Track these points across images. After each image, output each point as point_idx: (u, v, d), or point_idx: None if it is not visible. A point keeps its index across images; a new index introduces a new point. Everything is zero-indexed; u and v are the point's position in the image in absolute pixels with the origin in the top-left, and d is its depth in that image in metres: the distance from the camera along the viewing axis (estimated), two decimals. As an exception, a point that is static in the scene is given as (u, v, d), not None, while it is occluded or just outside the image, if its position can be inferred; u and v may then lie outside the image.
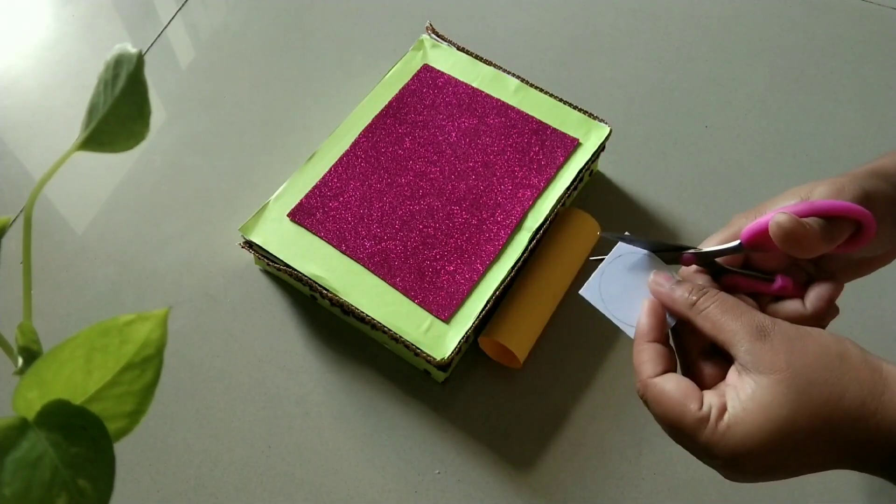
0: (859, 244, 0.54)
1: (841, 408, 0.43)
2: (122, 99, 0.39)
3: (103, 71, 0.39)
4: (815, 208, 0.51)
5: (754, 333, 0.46)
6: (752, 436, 0.44)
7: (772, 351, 0.45)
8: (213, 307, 0.85)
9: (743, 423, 0.44)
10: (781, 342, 0.45)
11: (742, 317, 0.47)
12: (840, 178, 0.53)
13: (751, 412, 0.44)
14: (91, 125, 0.39)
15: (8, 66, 1.05)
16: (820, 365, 0.44)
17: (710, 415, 0.45)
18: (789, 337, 0.46)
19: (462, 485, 0.75)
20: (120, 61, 0.39)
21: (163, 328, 0.36)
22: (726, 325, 0.47)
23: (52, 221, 0.92)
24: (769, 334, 0.46)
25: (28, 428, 0.36)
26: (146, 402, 0.37)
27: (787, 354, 0.45)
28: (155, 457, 0.77)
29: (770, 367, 0.45)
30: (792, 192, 0.54)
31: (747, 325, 0.46)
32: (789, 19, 1.05)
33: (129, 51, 0.39)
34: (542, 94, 0.89)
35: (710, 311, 0.48)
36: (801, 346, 0.45)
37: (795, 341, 0.45)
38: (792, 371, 0.44)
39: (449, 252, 0.79)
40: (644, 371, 0.49)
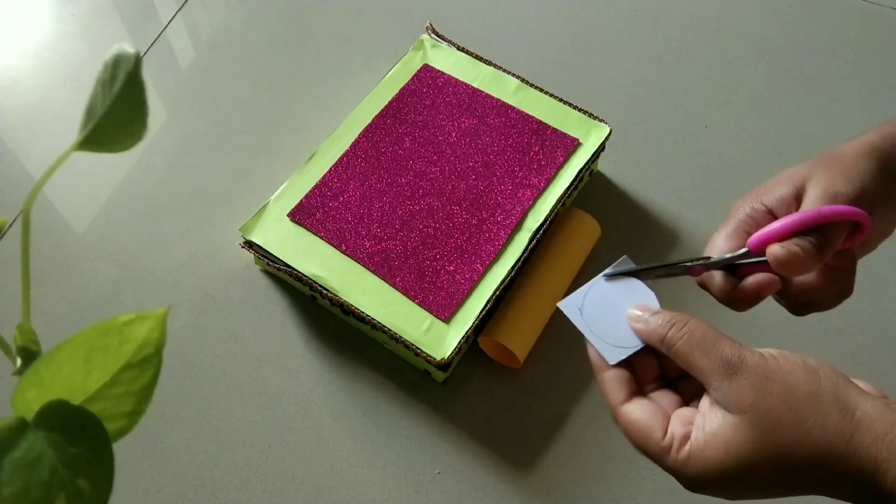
0: (858, 239, 0.55)
1: (805, 451, 0.43)
2: (120, 99, 0.39)
3: (101, 71, 0.39)
4: (808, 220, 0.52)
5: (722, 371, 0.46)
6: (710, 469, 0.45)
7: (738, 390, 0.45)
8: (213, 307, 0.85)
9: (702, 456, 0.45)
10: (748, 380, 0.45)
11: (710, 353, 0.47)
12: (831, 174, 0.54)
13: (711, 447, 0.45)
14: (89, 125, 0.39)
15: (8, 66, 1.05)
16: (786, 407, 0.44)
17: (673, 445, 0.46)
18: (757, 375, 0.46)
19: (462, 485, 0.75)
20: (118, 61, 0.39)
21: (162, 328, 0.36)
22: (695, 361, 0.48)
23: (52, 221, 0.92)
24: (737, 371, 0.46)
25: (27, 428, 0.36)
26: (145, 402, 0.37)
27: (753, 395, 0.45)
28: (155, 457, 0.77)
29: (736, 405, 0.45)
30: (786, 176, 0.56)
31: (715, 362, 0.46)
32: (789, 19, 1.05)
33: (127, 51, 0.39)
34: (542, 94, 0.89)
35: (679, 346, 0.49)
36: (768, 385, 0.45)
37: (763, 380, 0.45)
38: (757, 412, 0.44)
39: (449, 252, 0.79)
40: (612, 399, 0.50)
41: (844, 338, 0.81)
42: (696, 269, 0.56)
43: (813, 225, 0.52)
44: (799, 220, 0.52)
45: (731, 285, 0.55)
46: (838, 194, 0.53)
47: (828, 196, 0.53)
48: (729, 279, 0.56)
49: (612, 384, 0.51)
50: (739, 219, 0.56)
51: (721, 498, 0.48)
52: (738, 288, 0.55)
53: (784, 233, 0.52)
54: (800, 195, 0.55)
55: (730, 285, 0.55)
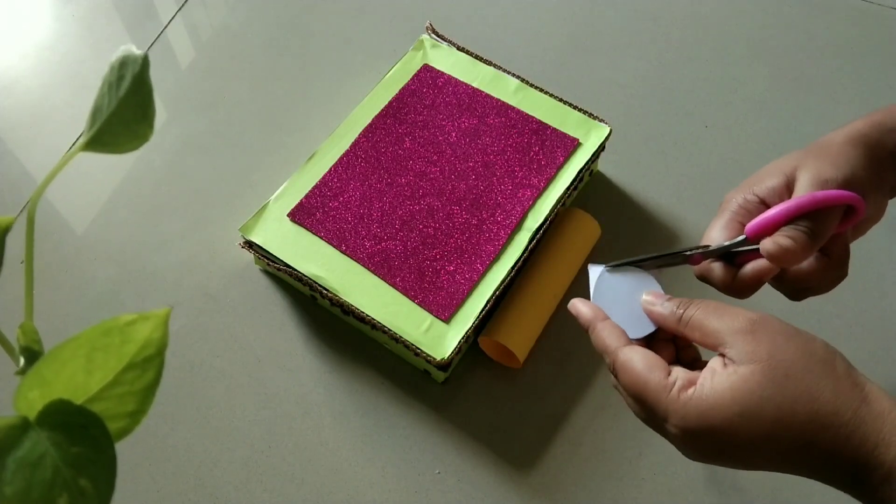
0: (851, 223, 0.55)
1: (812, 409, 0.44)
2: (126, 100, 0.39)
3: (108, 73, 0.39)
4: (802, 206, 0.52)
5: (742, 327, 0.47)
6: (713, 413, 0.45)
7: (755, 342, 0.46)
8: (213, 307, 0.85)
9: (707, 400, 0.45)
10: (766, 334, 0.46)
11: (725, 315, 0.48)
12: (820, 162, 0.55)
13: (719, 392, 0.45)
14: (95, 126, 0.39)
15: (8, 66, 1.05)
16: (801, 363, 0.45)
17: (675, 384, 0.47)
18: (777, 331, 0.47)
19: (462, 485, 0.75)
20: (125, 63, 0.39)
21: (164, 328, 0.36)
22: (710, 324, 0.48)
23: (52, 221, 0.92)
24: (758, 327, 0.47)
25: (29, 427, 0.36)
26: (147, 402, 0.37)
27: (769, 346, 0.46)
28: (155, 457, 0.77)
29: (751, 356, 0.45)
30: (776, 167, 0.57)
31: (736, 320, 0.47)
32: (789, 19, 1.05)
33: (134, 52, 0.39)
34: (542, 94, 0.89)
35: (695, 316, 0.50)
36: (786, 342, 0.46)
37: (781, 336, 0.46)
38: (771, 362, 0.45)
39: (449, 252, 0.79)
40: (611, 343, 0.51)
41: (844, 338, 0.81)
42: (695, 258, 0.57)
43: (807, 210, 0.52)
44: (795, 206, 0.52)
45: (730, 274, 0.56)
46: (828, 181, 0.54)
47: (818, 183, 0.54)
48: (728, 269, 0.56)
49: (611, 331, 0.52)
50: (733, 210, 0.58)
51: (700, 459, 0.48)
52: (738, 276, 0.56)
53: (780, 219, 0.53)
54: (791, 184, 0.56)
55: (730, 275, 0.56)
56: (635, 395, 0.49)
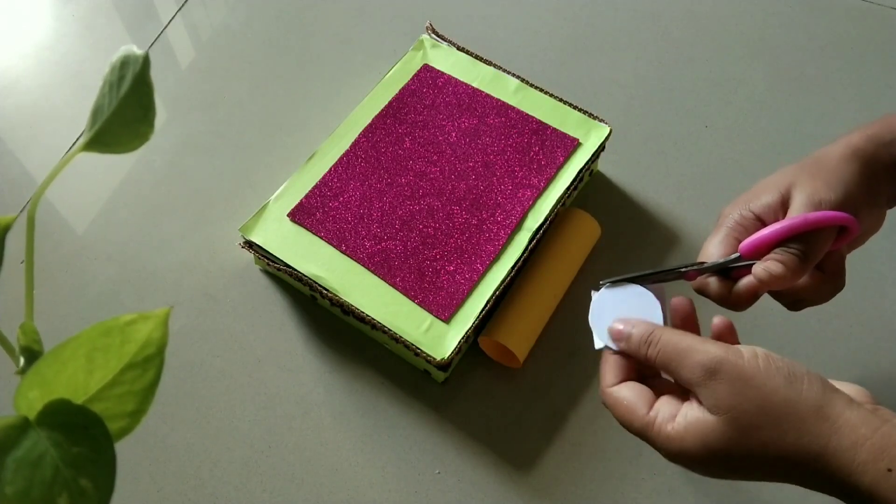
0: (845, 241, 0.57)
1: (778, 451, 0.46)
2: (127, 100, 0.39)
3: (108, 73, 0.39)
4: (795, 227, 0.54)
5: (699, 376, 0.48)
6: (688, 453, 0.48)
7: (716, 393, 0.47)
8: (213, 307, 0.85)
9: (682, 442, 0.48)
10: (725, 384, 0.47)
11: (683, 363, 0.49)
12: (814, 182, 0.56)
13: (691, 434, 0.48)
14: (96, 126, 0.39)
15: (8, 66, 1.05)
16: (761, 412, 0.46)
17: (657, 420, 0.49)
18: (733, 378, 0.47)
19: (462, 485, 0.75)
20: (126, 63, 0.39)
21: (164, 328, 0.36)
22: (672, 372, 0.50)
23: (52, 221, 0.92)
24: (714, 375, 0.48)
25: (29, 427, 0.36)
26: (147, 402, 0.37)
27: (729, 399, 0.47)
28: (155, 457, 0.77)
29: (715, 407, 0.47)
30: (772, 182, 0.58)
31: (690, 370, 0.49)
32: (789, 19, 1.05)
33: (135, 52, 0.39)
34: (542, 94, 0.89)
35: (657, 362, 0.51)
36: (745, 389, 0.47)
37: (740, 384, 0.47)
38: (733, 414, 0.47)
39: (449, 252, 0.79)
40: (603, 381, 0.54)
41: (844, 338, 0.81)
42: (690, 275, 0.58)
43: (800, 231, 0.54)
44: (787, 228, 0.54)
45: (726, 289, 0.58)
46: (822, 202, 0.55)
47: (812, 204, 0.55)
48: (724, 283, 0.58)
49: (612, 365, 0.54)
50: (729, 226, 0.59)
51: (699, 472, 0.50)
52: (734, 291, 0.57)
53: (773, 239, 0.55)
54: (786, 201, 0.57)
55: (725, 289, 0.58)
56: (626, 427, 0.52)
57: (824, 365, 0.79)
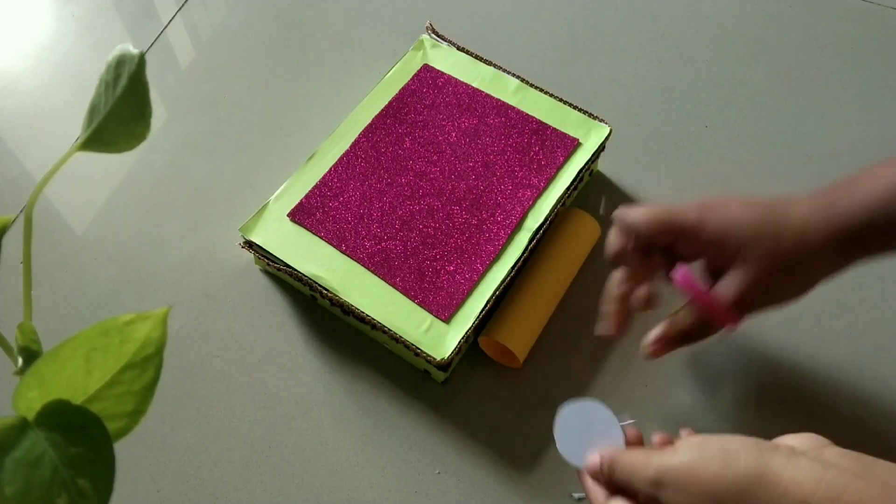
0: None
1: None
2: (123, 99, 0.39)
3: (104, 72, 0.39)
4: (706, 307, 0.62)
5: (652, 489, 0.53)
6: None
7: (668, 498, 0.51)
8: (213, 307, 0.85)
9: None
10: (673, 489, 0.51)
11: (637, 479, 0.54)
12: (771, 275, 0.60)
13: None
14: (92, 125, 0.39)
15: (8, 66, 1.05)
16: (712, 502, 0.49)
17: None
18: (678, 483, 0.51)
19: (462, 485, 0.75)
20: (121, 62, 0.39)
21: (163, 328, 0.36)
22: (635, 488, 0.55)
23: (51, 221, 0.92)
24: (662, 484, 0.52)
25: (28, 427, 0.36)
26: (146, 402, 0.37)
27: (680, 500, 0.50)
28: (155, 457, 0.77)
29: None
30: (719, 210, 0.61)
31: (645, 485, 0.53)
32: (789, 19, 1.05)
33: (130, 51, 0.39)
34: (542, 94, 0.89)
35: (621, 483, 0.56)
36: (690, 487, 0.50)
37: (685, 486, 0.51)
38: None
39: (449, 252, 0.79)
40: (596, 499, 0.58)
41: (844, 338, 0.81)
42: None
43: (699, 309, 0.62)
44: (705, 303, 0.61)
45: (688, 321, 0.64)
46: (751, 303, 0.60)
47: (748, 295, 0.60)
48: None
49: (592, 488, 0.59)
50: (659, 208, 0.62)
51: None
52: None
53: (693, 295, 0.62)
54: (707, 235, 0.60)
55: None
56: None
57: (824, 365, 0.79)
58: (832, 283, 0.83)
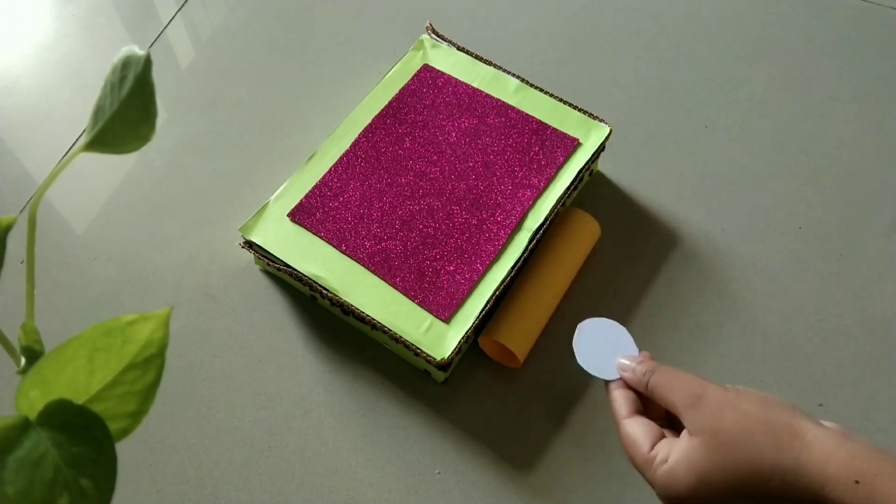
0: None
1: (754, 466, 0.49)
2: (128, 101, 0.39)
3: (110, 73, 0.39)
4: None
5: (688, 402, 0.54)
6: (679, 483, 0.52)
7: (700, 417, 0.53)
8: (213, 307, 0.85)
9: (673, 473, 0.52)
10: (709, 408, 0.53)
11: (677, 390, 0.55)
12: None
13: (680, 464, 0.52)
14: (97, 126, 0.39)
15: (8, 66, 1.05)
16: (741, 430, 0.51)
17: (656, 459, 0.54)
18: (717, 403, 0.53)
19: (462, 485, 0.75)
20: (128, 63, 0.39)
21: (165, 328, 0.36)
22: (667, 397, 0.55)
23: (52, 221, 0.92)
24: (700, 402, 0.53)
25: (30, 427, 0.36)
26: (148, 402, 0.37)
27: (712, 419, 0.52)
28: (155, 457, 0.77)
29: (699, 429, 0.52)
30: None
31: (683, 396, 0.54)
32: (789, 19, 1.05)
33: (136, 53, 0.39)
34: (542, 94, 0.89)
35: (654, 386, 0.57)
36: (726, 412, 0.52)
37: (722, 407, 0.52)
38: (715, 434, 0.51)
39: (449, 252, 0.79)
40: (618, 413, 0.59)
41: (844, 338, 0.81)
42: None
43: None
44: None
45: None
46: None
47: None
48: None
49: (619, 401, 0.59)
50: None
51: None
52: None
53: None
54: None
55: None
56: (630, 459, 0.57)
57: (824, 365, 0.79)
58: (832, 283, 0.84)
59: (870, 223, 0.87)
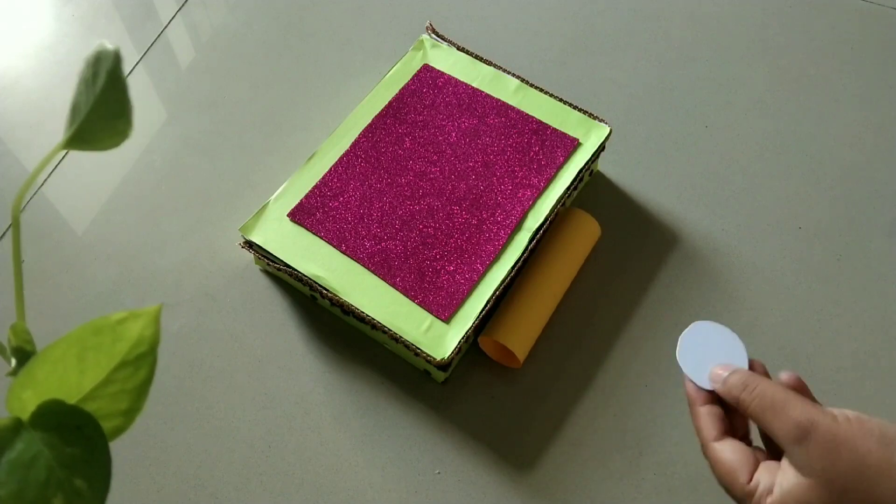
0: None
1: None
2: (103, 97, 0.39)
3: (84, 69, 0.39)
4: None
5: (793, 435, 0.48)
6: None
7: (808, 456, 0.47)
8: (213, 307, 0.85)
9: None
10: (819, 447, 0.47)
11: (779, 416, 0.49)
12: None
13: (789, 502, 0.47)
14: (75, 124, 0.39)
15: (8, 66, 1.05)
16: (855, 474, 0.46)
17: (757, 490, 0.49)
18: (827, 440, 0.47)
19: (462, 485, 0.75)
20: (99, 59, 0.39)
21: (155, 325, 0.36)
22: (767, 424, 0.50)
23: (51, 221, 0.92)
24: (808, 436, 0.48)
25: (22, 428, 0.36)
26: (141, 400, 0.37)
27: (823, 461, 0.47)
28: (154, 457, 0.77)
29: (808, 470, 0.47)
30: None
31: (785, 426, 0.49)
32: (789, 19, 1.05)
33: (107, 48, 0.39)
34: (542, 94, 0.89)
35: (752, 409, 0.51)
36: (838, 451, 0.47)
37: (833, 445, 0.47)
38: (827, 477, 0.46)
39: (449, 252, 0.79)
40: (705, 434, 0.54)
41: (844, 338, 0.80)
42: None
43: None
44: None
45: None
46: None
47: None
48: None
49: (707, 419, 0.54)
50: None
51: None
52: None
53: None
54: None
55: None
56: (724, 487, 0.52)
57: (824, 365, 0.79)
58: (831, 284, 0.83)
59: (870, 223, 0.87)
